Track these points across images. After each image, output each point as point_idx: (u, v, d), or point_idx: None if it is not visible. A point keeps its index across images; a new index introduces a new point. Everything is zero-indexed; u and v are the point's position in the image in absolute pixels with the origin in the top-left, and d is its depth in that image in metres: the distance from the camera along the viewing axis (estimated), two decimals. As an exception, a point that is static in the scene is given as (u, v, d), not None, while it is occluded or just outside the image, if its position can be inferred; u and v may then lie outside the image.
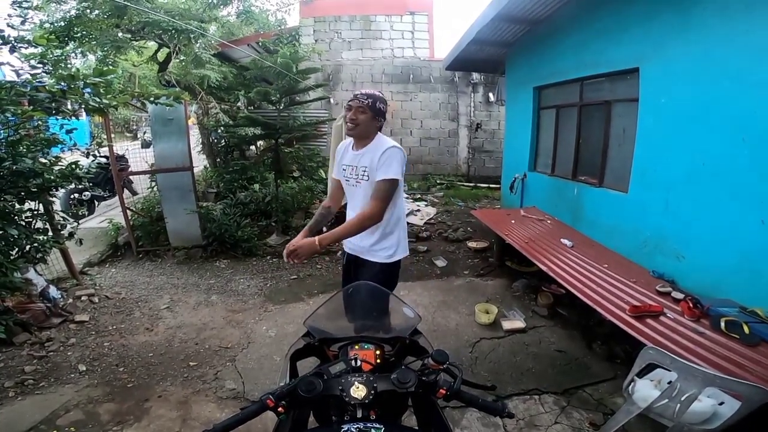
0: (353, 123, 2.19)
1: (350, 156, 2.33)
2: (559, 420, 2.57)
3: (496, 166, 9.69)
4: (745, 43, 2.76)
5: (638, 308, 2.65)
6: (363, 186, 2.25)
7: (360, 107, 2.18)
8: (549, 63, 5.46)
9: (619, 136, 4.26)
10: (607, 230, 4.21)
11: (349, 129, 2.22)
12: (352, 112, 2.18)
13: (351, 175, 2.31)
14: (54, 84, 2.89)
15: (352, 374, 1.16)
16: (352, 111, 2.18)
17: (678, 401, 1.74)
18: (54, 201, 3.92)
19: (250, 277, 4.94)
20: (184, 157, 5.30)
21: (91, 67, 7.52)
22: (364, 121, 2.19)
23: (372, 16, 10.21)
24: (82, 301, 4.15)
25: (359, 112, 2.18)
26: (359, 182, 2.27)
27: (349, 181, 2.33)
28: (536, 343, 3.45)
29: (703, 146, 3.12)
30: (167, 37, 6.69)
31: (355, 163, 2.28)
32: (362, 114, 2.18)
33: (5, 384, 2.91)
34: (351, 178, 2.31)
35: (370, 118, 2.20)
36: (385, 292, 1.65)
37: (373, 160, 2.17)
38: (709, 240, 3.06)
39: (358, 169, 2.26)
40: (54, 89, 2.84)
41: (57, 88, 2.85)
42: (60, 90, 2.85)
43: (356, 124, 2.19)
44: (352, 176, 2.31)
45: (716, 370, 1.88)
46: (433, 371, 1.16)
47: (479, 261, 5.37)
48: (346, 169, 2.35)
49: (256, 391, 2.85)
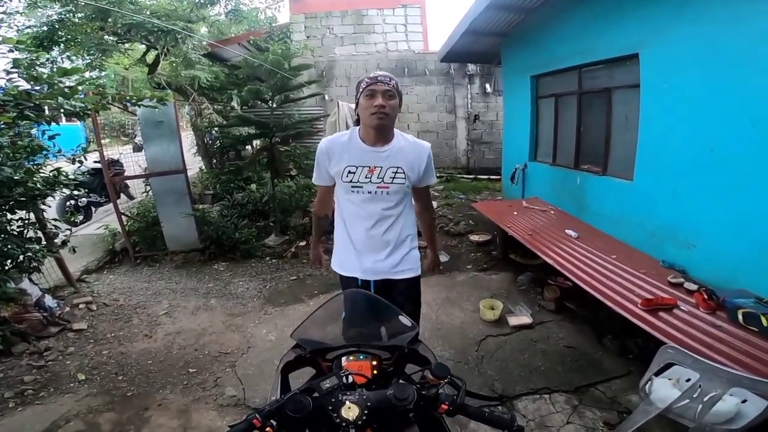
0: (383, 112, 1.75)
1: (363, 154, 1.86)
2: (572, 420, 2.48)
3: (495, 157, 9.60)
4: (750, 27, 2.67)
5: (651, 301, 2.55)
6: (392, 191, 1.87)
7: (389, 91, 1.76)
8: (545, 51, 5.36)
9: (621, 123, 4.16)
10: (613, 220, 4.11)
11: (380, 120, 1.76)
12: (381, 99, 1.74)
13: (366, 179, 1.85)
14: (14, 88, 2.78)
15: (344, 391, 1.07)
16: (379, 97, 1.74)
17: (700, 402, 1.66)
18: (45, 209, 3.85)
19: (249, 280, 4.87)
20: (176, 159, 5.22)
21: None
22: (393, 108, 1.79)
23: (364, 10, 10.07)
24: (80, 309, 4.09)
25: (388, 97, 1.76)
26: (384, 187, 1.86)
27: (363, 186, 1.86)
28: (544, 340, 3.36)
29: (710, 132, 3.03)
30: (154, 39, 6.60)
31: (379, 164, 1.84)
32: (391, 99, 1.78)
33: (5, 394, 2.89)
34: (366, 184, 1.86)
35: (398, 105, 1.82)
36: (380, 300, 1.52)
37: (415, 162, 1.87)
38: (721, 228, 2.97)
39: (385, 171, 1.84)
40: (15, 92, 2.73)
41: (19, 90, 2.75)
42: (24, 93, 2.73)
43: (386, 113, 1.76)
44: (368, 180, 1.86)
45: (742, 370, 1.79)
46: (434, 385, 1.09)
47: (482, 255, 5.29)
48: (355, 171, 1.85)
49: (256, 398, 2.80)
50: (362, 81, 1.84)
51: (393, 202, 1.91)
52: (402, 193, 1.91)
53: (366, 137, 1.88)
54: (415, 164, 1.88)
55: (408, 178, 1.87)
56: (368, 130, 1.85)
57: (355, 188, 1.88)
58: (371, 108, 1.76)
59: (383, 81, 1.77)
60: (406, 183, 1.88)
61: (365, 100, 1.79)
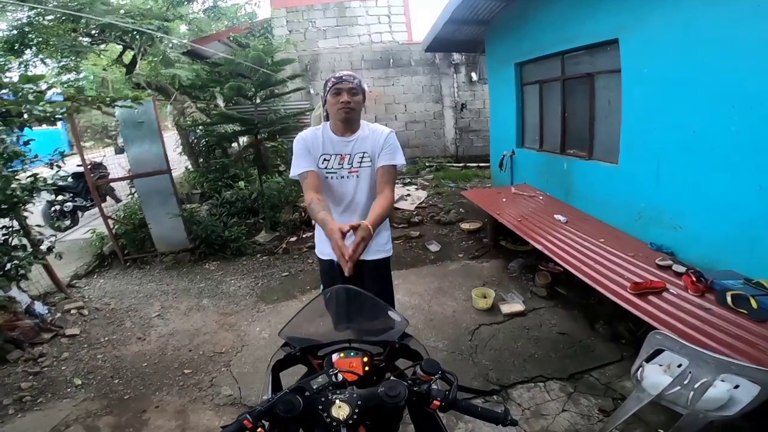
0: (349, 107, 1.98)
1: (334, 144, 2.08)
2: (567, 407, 2.51)
3: (484, 144, 9.60)
4: (727, 12, 2.69)
5: (640, 285, 2.56)
6: (362, 174, 2.08)
7: (353, 88, 1.98)
8: (528, 39, 5.35)
9: (604, 108, 4.18)
10: (600, 203, 4.15)
11: (346, 114, 1.99)
12: (346, 96, 1.97)
13: (339, 165, 2.07)
14: None
15: (334, 390, 1.07)
16: (344, 94, 1.97)
17: (691, 389, 1.65)
18: (28, 216, 3.78)
19: (240, 278, 4.84)
20: (160, 159, 5.14)
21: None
22: (358, 103, 2.01)
23: (346, 2, 9.93)
24: (71, 315, 4.06)
25: (352, 93, 1.98)
26: (354, 171, 2.07)
27: (336, 172, 2.09)
28: (537, 327, 3.38)
29: (691, 115, 3.05)
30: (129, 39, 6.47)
31: (347, 151, 2.07)
32: (355, 95, 2.00)
33: (3, 401, 2.91)
34: (339, 169, 2.08)
35: (361, 100, 2.04)
36: (368, 296, 1.53)
37: (375, 146, 2.05)
38: (705, 209, 3.00)
39: (353, 157, 2.06)
40: None
41: None
42: None
43: (352, 108, 1.99)
44: (340, 167, 2.07)
45: (730, 354, 1.81)
46: (425, 381, 1.09)
47: (473, 242, 5.31)
48: (329, 159, 2.08)
49: (252, 396, 2.82)
50: (329, 80, 2.05)
51: (363, 185, 2.10)
52: (371, 177, 2.10)
53: (335, 129, 2.09)
54: (376, 147, 2.06)
55: (373, 161, 2.07)
56: (337, 122, 2.07)
57: (330, 174, 2.10)
58: (338, 104, 1.99)
59: (348, 80, 1.98)
60: (372, 165, 2.08)
61: (332, 98, 2.01)
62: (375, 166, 2.07)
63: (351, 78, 1.99)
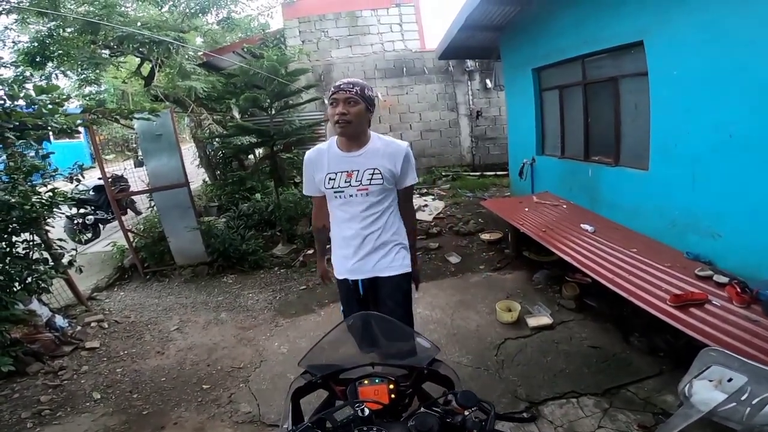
0: (345, 120, 1.81)
1: (339, 161, 1.94)
2: (603, 424, 2.37)
3: (501, 152, 9.48)
4: (756, 9, 2.57)
5: (680, 297, 2.42)
6: (372, 191, 1.92)
7: (349, 99, 1.81)
8: (546, 43, 5.25)
9: (631, 112, 4.05)
10: (629, 211, 4.00)
11: (342, 127, 1.83)
12: (341, 107, 1.81)
13: (346, 183, 1.92)
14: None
15: (359, 426, 0.98)
16: (340, 105, 1.82)
17: (749, 405, 1.54)
18: (49, 230, 3.79)
19: (258, 291, 4.80)
20: (178, 172, 5.15)
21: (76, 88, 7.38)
22: (357, 115, 1.83)
23: (357, 11, 9.98)
24: (92, 328, 4.07)
25: (349, 104, 1.82)
26: (363, 189, 1.92)
27: (344, 191, 1.93)
28: (567, 340, 3.25)
29: (727, 117, 2.91)
30: (146, 51, 6.57)
31: (355, 168, 1.91)
32: (353, 106, 1.82)
33: (22, 415, 2.88)
34: (346, 188, 1.93)
35: (363, 110, 1.85)
36: (394, 322, 1.46)
37: (395, 163, 1.91)
38: (747, 215, 2.84)
39: (362, 174, 1.90)
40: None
41: None
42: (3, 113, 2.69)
43: (348, 120, 1.82)
44: (347, 185, 1.93)
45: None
46: (459, 413, 1.01)
47: (494, 254, 5.18)
48: (335, 177, 1.93)
49: (271, 414, 2.75)
50: (329, 90, 1.94)
51: (374, 203, 1.96)
52: (383, 193, 1.96)
53: (340, 144, 1.96)
54: (391, 165, 1.92)
55: (385, 178, 1.92)
56: (339, 137, 1.95)
57: (337, 193, 1.96)
58: (334, 116, 1.84)
59: (345, 89, 1.83)
60: (384, 183, 1.93)
61: (330, 109, 1.88)
62: (388, 182, 1.93)
63: (349, 87, 1.83)
